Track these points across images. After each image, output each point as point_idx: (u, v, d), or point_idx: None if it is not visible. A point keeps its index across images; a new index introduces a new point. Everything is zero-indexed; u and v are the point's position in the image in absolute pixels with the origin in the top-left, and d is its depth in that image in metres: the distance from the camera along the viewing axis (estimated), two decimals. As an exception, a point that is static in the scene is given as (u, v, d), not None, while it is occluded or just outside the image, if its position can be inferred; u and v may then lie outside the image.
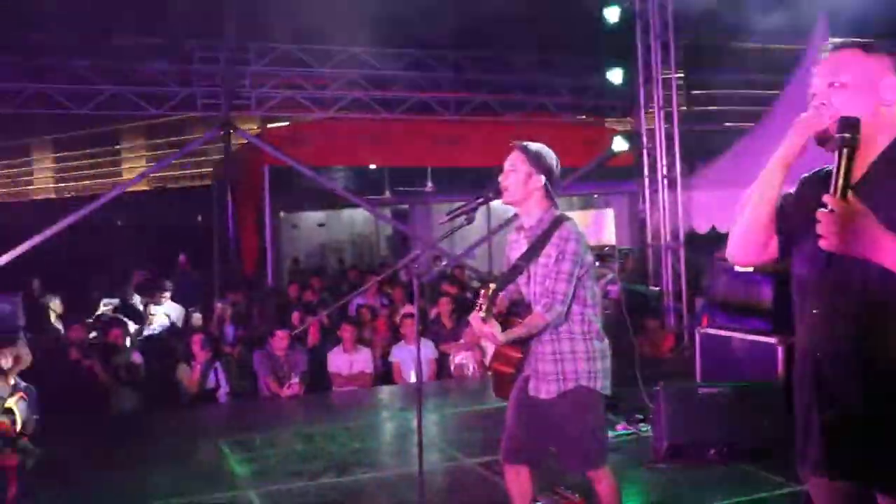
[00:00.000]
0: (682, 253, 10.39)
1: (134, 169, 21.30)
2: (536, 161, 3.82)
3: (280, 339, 8.27)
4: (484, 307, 3.55)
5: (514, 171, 3.83)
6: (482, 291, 3.60)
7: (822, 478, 2.29)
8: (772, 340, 6.87)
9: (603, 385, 3.83)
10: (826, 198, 1.98)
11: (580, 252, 3.71)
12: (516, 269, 3.85)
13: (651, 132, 10.84)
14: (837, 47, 2.34)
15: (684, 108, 12.65)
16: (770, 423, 5.79)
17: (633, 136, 11.21)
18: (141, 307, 11.39)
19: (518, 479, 3.99)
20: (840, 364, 2.21)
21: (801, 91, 8.45)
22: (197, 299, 11.55)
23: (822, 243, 1.98)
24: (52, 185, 25.04)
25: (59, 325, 10.21)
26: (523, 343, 3.80)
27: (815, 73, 2.33)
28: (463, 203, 3.90)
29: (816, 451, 2.26)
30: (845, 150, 2.03)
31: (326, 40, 11.95)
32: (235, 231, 12.24)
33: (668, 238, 10.45)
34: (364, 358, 8.82)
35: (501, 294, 3.89)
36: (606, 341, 3.91)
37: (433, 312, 9.85)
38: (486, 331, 3.62)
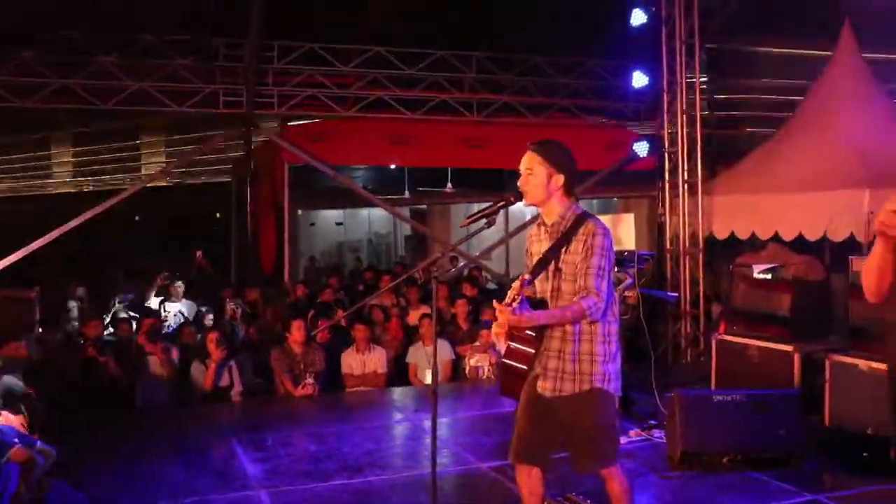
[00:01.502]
0: (700, 259, 10.32)
1: (153, 165, 21.36)
2: (554, 160, 3.80)
3: (297, 331, 8.27)
4: (517, 300, 3.52)
5: (533, 174, 3.81)
6: (514, 284, 3.58)
7: None
8: (788, 348, 6.84)
9: (616, 386, 3.86)
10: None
11: (607, 246, 3.69)
12: (544, 263, 3.83)
13: (673, 136, 10.77)
14: None
15: (706, 112, 12.54)
16: (785, 431, 5.76)
17: (654, 140, 11.14)
18: (156, 305, 11.46)
19: (529, 481, 3.98)
20: None
21: (824, 98, 8.34)
22: (212, 296, 11.59)
23: None
24: (70, 180, 25.15)
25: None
26: (537, 341, 3.78)
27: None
28: (485, 206, 3.89)
29: None
30: None
31: (349, 39, 11.97)
32: (254, 228, 12.26)
33: (688, 243, 10.38)
34: (377, 358, 8.81)
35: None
36: (619, 343, 3.92)
37: (449, 314, 9.83)
38: (524, 316, 3.56)
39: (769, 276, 7.42)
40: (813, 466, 5.78)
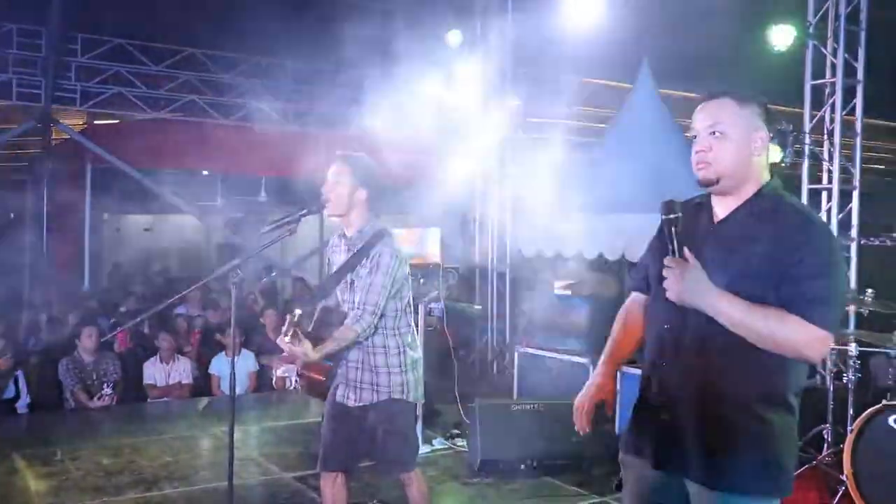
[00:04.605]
0: (507, 274, 10.70)
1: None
2: (361, 175, 3.87)
3: (87, 339, 7.85)
4: (290, 333, 3.57)
5: (339, 184, 3.86)
6: (287, 317, 3.63)
7: (636, 458, 2.71)
8: (584, 360, 7.20)
9: (415, 395, 3.95)
10: (667, 260, 2.47)
11: (393, 265, 3.78)
12: (337, 277, 3.89)
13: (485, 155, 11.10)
14: (714, 95, 2.58)
15: (520, 134, 13.00)
16: (577, 438, 6.05)
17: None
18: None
19: (333, 487, 4.03)
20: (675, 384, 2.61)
21: (627, 126, 8.84)
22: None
23: (668, 295, 2.47)
24: None
25: None
26: (335, 354, 3.84)
27: (697, 117, 2.58)
28: (287, 214, 3.89)
29: (647, 444, 2.66)
30: (672, 228, 2.50)
31: (162, 39, 11.58)
32: (50, 231, 11.57)
33: (495, 259, 10.74)
34: (182, 369, 8.55)
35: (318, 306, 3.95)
36: (419, 351, 4.02)
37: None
38: (296, 350, 3.64)
39: (568, 292, 7.79)
40: (602, 471, 6.11)
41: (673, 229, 2.50)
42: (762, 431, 2.47)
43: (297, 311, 3.65)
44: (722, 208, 2.59)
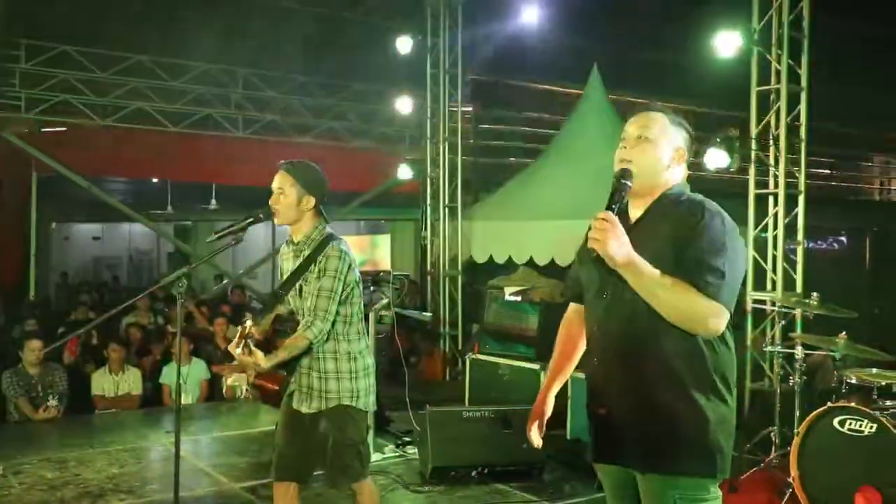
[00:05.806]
0: (459, 280, 10.71)
1: None
2: (306, 182, 3.84)
3: (31, 351, 7.68)
4: (241, 344, 3.53)
5: (285, 194, 3.83)
6: (241, 328, 3.59)
7: (599, 463, 2.89)
8: (535, 367, 7.21)
9: (365, 402, 3.92)
10: (602, 213, 2.55)
11: (341, 269, 3.76)
12: (287, 285, 3.87)
13: (436, 162, 11.12)
14: (650, 108, 2.87)
15: (471, 140, 13.04)
16: (528, 445, 6.06)
17: (417, 165, 11.44)
18: None
19: (286, 497, 3.98)
20: (605, 374, 2.79)
21: (576, 132, 8.88)
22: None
23: (591, 244, 2.51)
24: None
25: None
26: (288, 362, 3.81)
27: (629, 125, 2.85)
28: (232, 222, 3.86)
29: (593, 441, 2.87)
30: (619, 192, 2.66)
31: (110, 45, 11.40)
32: (-5, 240, 11.33)
33: (447, 266, 10.74)
34: (132, 379, 8.42)
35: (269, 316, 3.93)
36: (371, 359, 4.00)
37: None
38: (248, 360, 3.59)
39: (519, 298, 7.82)
40: (553, 476, 6.14)
41: (621, 193, 2.67)
42: (692, 414, 2.61)
43: (248, 323, 3.63)
44: (634, 212, 2.81)
